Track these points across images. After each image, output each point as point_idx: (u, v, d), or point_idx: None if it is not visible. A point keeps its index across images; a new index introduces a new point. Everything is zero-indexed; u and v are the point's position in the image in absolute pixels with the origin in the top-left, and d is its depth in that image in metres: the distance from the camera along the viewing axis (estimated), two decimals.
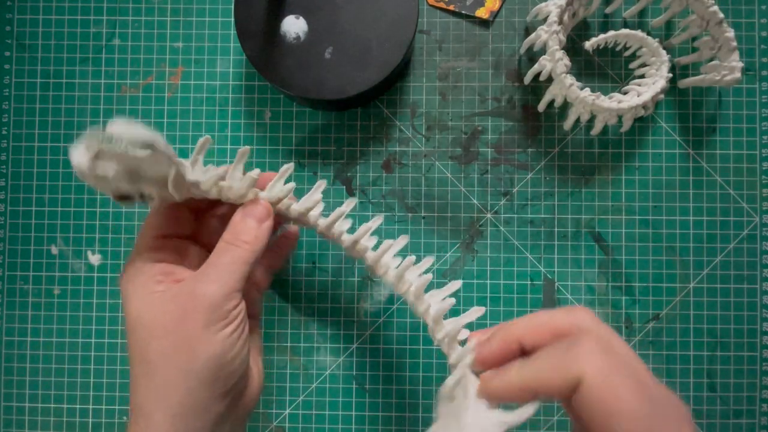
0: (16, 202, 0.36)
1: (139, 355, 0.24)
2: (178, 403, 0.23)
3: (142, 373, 0.24)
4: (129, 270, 0.25)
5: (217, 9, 0.37)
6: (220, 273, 0.24)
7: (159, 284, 0.25)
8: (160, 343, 0.23)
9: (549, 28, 0.32)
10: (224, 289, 0.24)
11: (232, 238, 0.26)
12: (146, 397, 0.23)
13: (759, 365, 0.35)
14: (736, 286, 0.35)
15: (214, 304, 0.24)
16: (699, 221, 0.35)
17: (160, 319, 0.24)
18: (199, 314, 0.23)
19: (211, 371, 0.23)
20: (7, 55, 0.37)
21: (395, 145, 0.36)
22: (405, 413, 0.35)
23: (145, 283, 0.24)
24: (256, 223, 0.26)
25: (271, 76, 0.33)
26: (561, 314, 0.23)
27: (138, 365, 0.24)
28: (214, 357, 0.23)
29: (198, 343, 0.23)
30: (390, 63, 0.32)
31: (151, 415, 0.23)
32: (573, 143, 0.36)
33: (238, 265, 0.25)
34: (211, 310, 0.24)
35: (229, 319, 0.24)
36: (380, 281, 0.35)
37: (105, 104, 0.36)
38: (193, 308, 0.23)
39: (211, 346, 0.23)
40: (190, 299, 0.24)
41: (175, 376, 0.23)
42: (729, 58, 0.32)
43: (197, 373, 0.23)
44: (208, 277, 0.24)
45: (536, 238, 0.35)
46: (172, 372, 0.23)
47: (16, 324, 0.36)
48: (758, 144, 0.35)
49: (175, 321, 0.23)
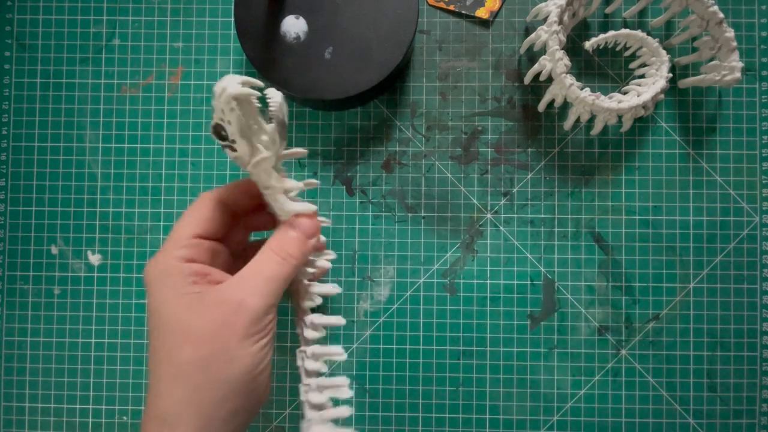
0: (16, 202, 0.36)
1: (166, 358, 0.23)
2: (207, 414, 0.22)
3: (169, 377, 0.22)
4: (158, 267, 0.24)
5: (217, 9, 0.37)
6: (264, 286, 0.24)
7: (194, 285, 0.23)
8: (194, 349, 0.22)
9: (549, 28, 0.32)
10: (267, 302, 0.24)
11: (278, 249, 0.25)
12: (172, 404, 0.22)
13: (759, 365, 0.35)
14: (736, 286, 0.35)
15: (256, 317, 0.23)
16: (699, 221, 0.35)
17: (197, 324, 0.23)
18: (240, 325, 0.23)
19: (245, 383, 0.23)
20: (7, 55, 0.37)
21: (395, 145, 0.36)
22: (405, 413, 0.35)
23: (179, 283, 0.23)
24: (305, 239, 0.26)
25: (271, 76, 0.33)
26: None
27: (164, 368, 0.23)
28: (249, 368, 0.23)
29: (236, 354, 0.23)
30: (390, 63, 0.32)
31: (177, 423, 0.22)
32: (573, 143, 0.36)
33: (280, 281, 0.24)
34: (252, 323, 0.23)
35: (264, 332, 0.24)
36: (380, 281, 0.35)
37: (105, 104, 0.36)
38: (234, 319, 0.23)
39: (247, 358, 0.23)
40: (233, 309, 0.23)
41: (209, 385, 0.22)
42: (729, 58, 0.32)
43: (232, 384, 0.23)
44: (253, 288, 0.24)
45: (536, 238, 0.35)
46: (206, 380, 0.22)
47: (16, 324, 0.36)
48: (758, 144, 0.35)
49: (214, 329, 0.23)
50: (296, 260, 0.25)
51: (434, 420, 0.35)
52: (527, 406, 0.35)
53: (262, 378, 0.24)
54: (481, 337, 0.35)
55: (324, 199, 0.36)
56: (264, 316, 0.24)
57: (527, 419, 0.35)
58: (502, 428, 0.35)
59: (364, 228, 0.36)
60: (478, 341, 0.35)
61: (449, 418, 0.35)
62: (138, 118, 0.36)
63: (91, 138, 0.36)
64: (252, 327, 0.23)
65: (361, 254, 0.36)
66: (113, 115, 0.36)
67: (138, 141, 0.36)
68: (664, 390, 0.35)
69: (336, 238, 0.36)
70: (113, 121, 0.36)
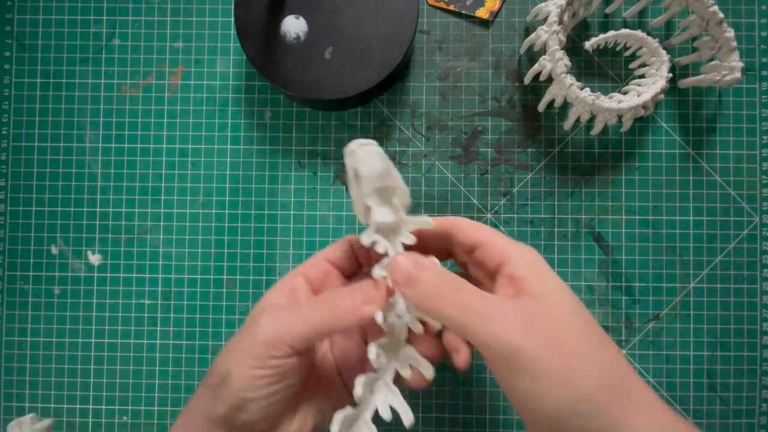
0: (16, 202, 0.36)
1: None
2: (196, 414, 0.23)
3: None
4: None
5: (217, 9, 0.37)
6: (285, 322, 0.23)
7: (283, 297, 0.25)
8: (218, 358, 0.24)
9: (549, 28, 0.32)
10: (274, 336, 0.22)
11: (329, 296, 0.24)
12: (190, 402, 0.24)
13: (759, 365, 0.35)
14: (736, 286, 0.35)
15: (257, 343, 0.22)
16: (699, 221, 0.35)
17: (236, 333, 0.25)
18: (246, 342, 0.23)
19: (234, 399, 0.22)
20: (7, 55, 0.37)
21: (395, 145, 0.36)
22: None
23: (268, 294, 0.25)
24: (360, 300, 0.23)
25: (271, 76, 0.33)
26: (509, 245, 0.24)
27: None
28: (243, 388, 0.22)
29: (236, 368, 0.23)
30: (390, 63, 0.32)
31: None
32: (573, 143, 0.36)
33: (306, 326, 0.23)
34: (252, 346, 0.23)
35: (265, 365, 0.22)
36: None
37: (105, 104, 0.36)
38: (246, 334, 0.23)
39: (242, 379, 0.22)
40: (250, 324, 0.24)
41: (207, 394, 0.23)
42: (729, 58, 0.32)
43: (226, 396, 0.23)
44: (276, 316, 0.23)
45: (536, 238, 0.35)
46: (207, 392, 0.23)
47: (16, 324, 0.36)
48: (758, 144, 0.35)
49: (234, 340, 0.24)
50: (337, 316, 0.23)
51: (434, 420, 0.35)
52: None
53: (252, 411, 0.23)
54: None
55: (324, 200, 0.36)
56: (267, 349, 0.22)
57: None
58: (502, 428, 0.35)
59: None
60: None
61: (449, 418, 0.35)
62: (138, 118, 0.36)
63: (91, 138, 0.36)
64: (251, 349, 0.22)
65: None
66: (113, 115, 0.36)
67: (138, 141, 0.36)
68: (664, 390, 0.35)
69: (336, 238, 0.36)
70: (113, 121, 0.36)
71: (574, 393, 0.20)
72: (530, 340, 0.20)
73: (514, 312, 0.21)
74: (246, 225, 0.36)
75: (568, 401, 0.20)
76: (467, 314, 0.21)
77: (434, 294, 0.22)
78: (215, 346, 0.36)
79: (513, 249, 0.23)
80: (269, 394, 0.22)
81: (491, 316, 0.21)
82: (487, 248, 0.24)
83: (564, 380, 0.20)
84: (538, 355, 0.20)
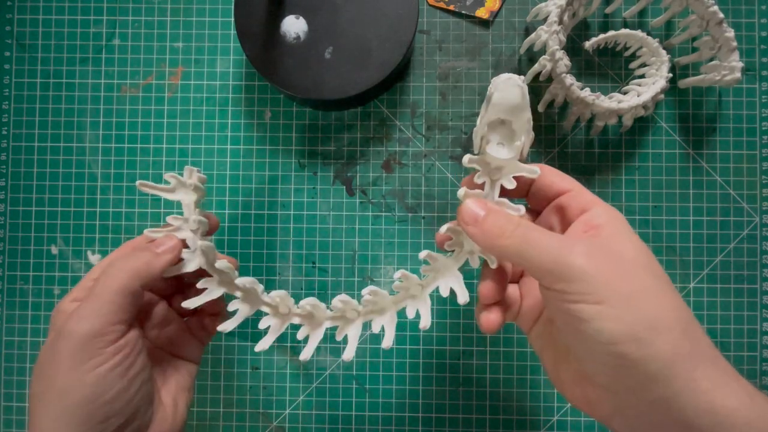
0: (16, 202, 0.36)
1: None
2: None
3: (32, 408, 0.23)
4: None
5: (217, 9, 0.37)
6: (94, 307, 0.22)
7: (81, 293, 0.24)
8: (34, 385, 0.22)
9: (549, 28, 0.32)
10: (95, 325, 0.22)
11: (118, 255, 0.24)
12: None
13: (759, 365, 0.34)
14: (736, 286, 0.35)
15: (81, 343, 0.22)
16: (699, 221, 0.35)
17: (39, 359, 0.23)
18: (64, 355, 0.22)
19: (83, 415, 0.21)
20: (7, 55, 0.37)
21: (395, 145, 0.36)
22: (405, 413, 0.35)
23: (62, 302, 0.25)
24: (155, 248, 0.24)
25: (271, 76, 0.33)
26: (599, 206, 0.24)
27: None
28: (84, 399, 0.21)
29: (66, 385, 0.21)
30: (390, 63, 0.32)
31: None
32: (573, 143, 0.36)
33: (114, 296, 0.23)
34: (78, 349, 0.21)
35: (104, 356, 0.22)
36: (380, 281, 0.35)
37: (105, 104, 0.36)
38: (60, 348, 0.22)
39: (82, 388, 0.21)
40: (59, 338, 0.22)
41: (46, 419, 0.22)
42: (729, 58, 0.32)
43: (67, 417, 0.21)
44: (79, 313, 0.22)
45: None
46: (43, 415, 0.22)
47: (16, 324, 0.36)
48: (758, 144, 0.35)
49: (46, 362, 0.22)
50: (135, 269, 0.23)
51: (434, 420, 0.35)
52: (527, 406, 0.35)
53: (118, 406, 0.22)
54: (481, 337, 0.35)
55: (324, 199, 0.36)
56: (95, 340, 0.22)
57: (527, 419, 0.35)
58: (502, 428, 0.35)
59: (364, 228, 0.36)
60: (478, 341, 0.35)
61: (449, 418, 0.35)
62: (138, 118, 0.36)
63: (91, 138, 0.36)
64: (79, 354, 0.21)
65: (361, 254, 0.36)
66: (113, 115, 0.36)
67: (138, 141, 0.36)
68: None
69: (336, 238, 0.36)
70: (113, 121, 0.36)
71: (639, 316, 0.19)
72: (596, 264, 0.20)
73: (581, 243, 0.21)
74: (246, 225, 0.36)
75: (630, 326, 0.19)
76: (529, 244, 0.21)
77: (497, 231, 0.22)
78: (215, 347, 0.36)
79: (600, 202, 0.24)
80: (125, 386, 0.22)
81: (555, 246, 0.21)
82: (575, 194, 0.24)
83: (629, 304, 0.19)
84: (604, 278, 0.19)
